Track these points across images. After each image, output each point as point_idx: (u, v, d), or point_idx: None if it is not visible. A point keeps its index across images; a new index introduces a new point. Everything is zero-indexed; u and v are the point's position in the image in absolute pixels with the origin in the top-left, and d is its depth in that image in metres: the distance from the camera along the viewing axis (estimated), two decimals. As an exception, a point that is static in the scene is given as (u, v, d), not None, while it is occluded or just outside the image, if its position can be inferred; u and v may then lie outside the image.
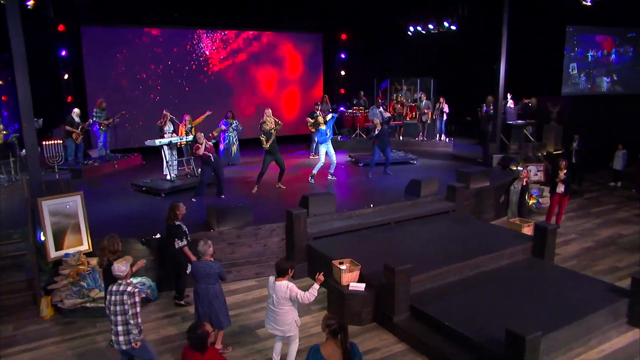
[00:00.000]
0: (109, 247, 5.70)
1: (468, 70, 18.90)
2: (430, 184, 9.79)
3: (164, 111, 10.80)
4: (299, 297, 5.05)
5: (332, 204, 8.52)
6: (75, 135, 11.86)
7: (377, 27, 17.96)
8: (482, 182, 10.51)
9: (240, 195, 9.97)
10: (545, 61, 16.17)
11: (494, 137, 13.27)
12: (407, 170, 12.48)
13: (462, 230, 8.58)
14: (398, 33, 18.05)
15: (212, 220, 7.71)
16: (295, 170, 12.60)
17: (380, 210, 8.92)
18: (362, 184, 11.01)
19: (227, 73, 16.52)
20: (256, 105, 17.08)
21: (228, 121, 12.91)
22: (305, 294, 5.08)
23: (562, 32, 15.83)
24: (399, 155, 13.65)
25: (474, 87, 18.99)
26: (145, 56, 14.93)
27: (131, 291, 4.66)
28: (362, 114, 16.63)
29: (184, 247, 6.70)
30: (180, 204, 6.67)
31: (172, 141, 10.28)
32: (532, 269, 7.48)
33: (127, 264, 4.82)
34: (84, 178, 11.71)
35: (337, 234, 8.19)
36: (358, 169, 12.86)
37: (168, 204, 9.38)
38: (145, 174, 11.83)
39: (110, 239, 5.76)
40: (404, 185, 10.26)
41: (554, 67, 16.20)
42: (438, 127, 16.17)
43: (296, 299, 5.08)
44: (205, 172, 9.37)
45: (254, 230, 7.79)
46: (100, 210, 8.94)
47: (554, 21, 15.55)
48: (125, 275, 4.78)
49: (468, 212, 10.04)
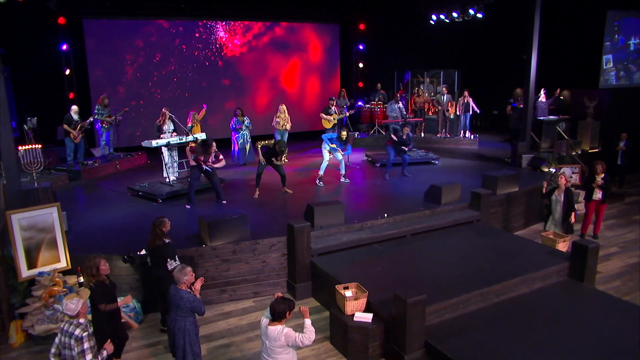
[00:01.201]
0: (87, 270, 5.01)
1: (495, 61, 17.69)
2: (452, 191, 8.80)
3: (163, 109, 10.04)
4: (298, 341, 4.22)
5: (341, 215, 7.64)
6: (73, 135, 11.21)
7: (397, 17, 16.82)
8: (510, 187, 9.46)
9: (243, 200, 9.17)
10: (580, 50, 14.86)
11: (524, 135, 12.14)
12: (428, 172, 11.50)
13: (487, 245, 7.58)
14: (419, 22, 16.88)
15: (203, 234, 6.92)
16: (306, 171, 11.73)
17: (395, 221, 7.99)
18: (377, 188, 10.07)
19: (239, 66, 15.70)
20: (270, 100, 16.24)
21: (239, 119, 12.09)
22: (303, 336, 4.24)
23: (601, 17, 14.44)
24: (419, 154, 12.63)
25: (501, 80, 17.81)
26: (152, 49, 14.21)
27: (79, 335, 3.88)
28: (381, 109, 15.64)
29: None
30: (164, 220, 5.88)
31: (171, 142, 9.51)
32: (570, 294, 6.46)
33: (79, 301, 4.04)
34: (83, 180, 11.10)
35: (345, 249, 7.31)
36: (374, 169, 11.92)
37: (166, 211, 8.86)
38: (149, 174, 11.15)
39: (90, 260, 5.05)
40: (423, 190, 9.32)
41: (590, 57, 14.86)
42: (462, 123, 15.06)
43: (295, 344, 4.25)
44: (194, 173, 8.59)
45: (251, 245, 6.96)
46: (89, 218, 8.27)
47: (592, 4, 14.18)
48: (77, 314, 4.01)
49: (494, 221, 9.03)
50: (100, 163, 11.86)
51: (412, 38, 17.10)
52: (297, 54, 16.64)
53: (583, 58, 14.90)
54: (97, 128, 12.50)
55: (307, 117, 16.68)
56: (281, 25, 16.19)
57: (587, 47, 14.73)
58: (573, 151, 12.77)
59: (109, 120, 12.28)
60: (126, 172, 11.91)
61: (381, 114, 15.69)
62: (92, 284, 5.01)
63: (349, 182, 10.54)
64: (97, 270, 5.03)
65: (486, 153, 13.80)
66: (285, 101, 16.11)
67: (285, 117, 12.51)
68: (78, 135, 11.22)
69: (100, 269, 5.05)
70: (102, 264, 5.08)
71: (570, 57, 15.06)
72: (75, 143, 11.32)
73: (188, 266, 4.91)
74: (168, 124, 10.03)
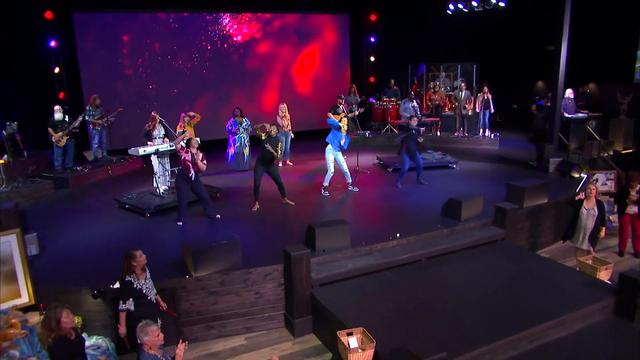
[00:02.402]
0: (46, 323, 4.23)
1: (515, 53, 16.50)
2: (473, 205, 7.79)
3: (152, 112, 9.14)
4: None
5: (346, 237, 6.68)
6: (56, 139, 10.36)
7: (412, 6, 15.67)
8: (538, 199, 8.41)
9: (238, 214, 8.26)
10: (613, 40, 13.60)
11: (551, 136, 11.02)
12: (445, 177, 10.49)
13: (515, 271, 6.57)
14: (435, 12, 15.76)
15: (188, 263, 6.02)
16: (311, 178, 10.78)
17: (408, 242, 7.01)
18: (388, 199, 9.07)
19: (242, 62, 14.74)
20: (275, 97, 15.28)
21: (237, 120, 11.14)
22: None
23: (637, 5, 13.15)
24: (435, 157, 11.59)
25: (520, 72, 16.65)
26: (149, 45, 13.32)
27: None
28: (394, 106, 14.59)
29: (125, 311, 4.97)
30: (136, 253, 4.98)
31: (160, 150, 8.61)
32: (617, 337, 5.45)
33: None
34: (71, 187, 10.29)
35: (351, 277, 6.36)
36: (386, 175, 10.91)
37: (153, 227, 8.02)
38: (142, 181, 10.31)
39: (49, 311, 4.26)
40: (440, 202, 8.33)
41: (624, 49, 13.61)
42: (482, 121, 13.96)
43: None
44: (182, 188, 7.67)
45: (242, 275, 6.05)
46: (67, 237, 7.42)
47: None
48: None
49: (520, 237, 8.01)
50: (90, 168, 11.04)
51: (428, 29, 15.97)
52: (304, 47, 15.63)
53: (616, 49, 13.66)
54: (89, 130, 11.66)
55: (314, 115, 15.67)
56: (288, 17, 15.16)
57: (621, 37, 13.49)
58: (605, 152, 11.63)
59: (100, 123, 11.44)
60: (119, 179, 11.09)
61: (394, 111, 14.66)
62: (52, 339, 4.15)
63: (357, 190, 9.57)
64: (57, 324, 4.17)
65: (508, 154, 12.71)
66: (292, 98, 15.20)
67: (287, 117, 11.56)
68: (61, 139, 10.36)
69: (62, 322, 4.19)
70: (64, 315, 4.22)
71: (600, 49, 13.82)
72: (60, 147, 10.46)
73: (154, 324, 4.04)
74: (158, 128, 9.14)
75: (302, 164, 12.07)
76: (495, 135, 13.97)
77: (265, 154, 8.25)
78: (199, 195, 7.88)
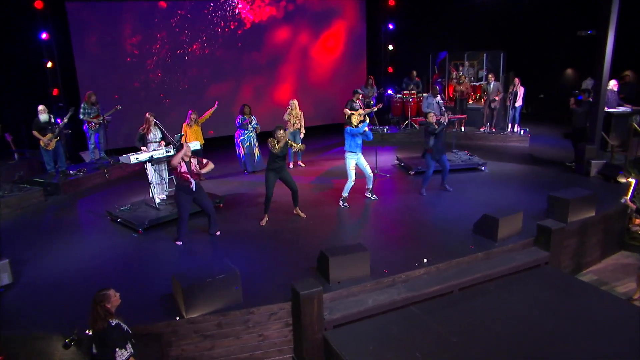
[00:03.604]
0: None
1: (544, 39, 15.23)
2: (511, 222, 6.74)
3: (147, 114, 8.21)
4: None
5: (365, 266, 5.71)
6: (43, 142, 9.49)
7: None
8: (585, 212, 7.33)
9: (243, 231, 7.32)
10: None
11: (593, 135, 9.84)
12: (473, 182, 9.44)
13: (565, 309, 5.53)
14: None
15: (178, 301, 5.11)
16: (325, 182, 9.81)
17: (438, 270, 6.01)
18: (412, 211, 8.04)
19: (251, 52, 13.73)
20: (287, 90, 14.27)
21: (246, 117, 10.16)
22: None
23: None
24: (462, 158, 10.50)
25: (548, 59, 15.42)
26: (150, 35, 12.36)
27: None
28: (415, 99, 13.47)
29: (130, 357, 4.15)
30: (108, 293, 4.05)
31: (155, 156, 7.69)
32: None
33: None
34: (63, 194, 9.46)
35: (371, 315, 5.40)
36: (407, 179, 9.88)
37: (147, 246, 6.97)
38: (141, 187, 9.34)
39: None
40: (470, 214, 7.37)
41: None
42: (511, 116, 12.80)
43: None
44: (182, 202, 6.73)
45: (243, 315, 5.12)
46: (47, 260, 6.54)
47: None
48: None
49: (563, 257, 6.95)
50: (86, 172, 10.19)
51: (450, 15, 14.76)
52: (317, 36, 14.53)
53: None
54: (85, 129, 10.80)
55: (328, 108, 14.66)
56: (298, 3, 14.05)
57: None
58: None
59: (96, 122, 10.57)
60: (116, 183, 10.25)
61: (415, 105, 13.55)
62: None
63: (376, 199, 8.57)
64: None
65: (541, 153, 11.58)
66: (305, 90, 14.20)
67: (297, 115, 10.56)
68: (49, 142, 9.49)
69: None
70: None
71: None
72: (50, 151, 9.61)
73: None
74: (154, 131, 8.22)
75: (314, 165, 11.10)
76: (525, 131, 12.82)
77: (276, 160, 7.30)
78: (203, 208, 6.96)
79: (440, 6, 14.73)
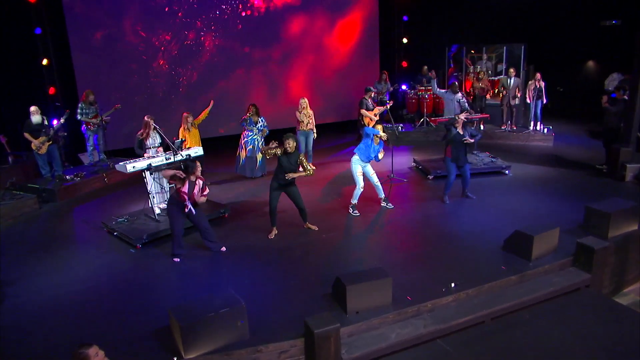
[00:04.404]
0: None
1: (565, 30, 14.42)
2: (546, 239, 6.06)
3: (145, 117, 7.58)
4: None
5: (386, 294, 5.07)
6: (35, 146, 8.90)
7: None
8: (626, 226, 6.65)
9: (249, 247, 6.70)
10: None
11: (628, 136, 9.10)
12: (497, 188, 8.76)
13: (610, 339, 4.88)
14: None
15: (176, 339, 4.51)
16: (336, 187, 9.17)
17: (467, 297, 5.36)
18: (433, 222, 7.37)
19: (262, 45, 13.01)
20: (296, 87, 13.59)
21: (251, 118, 9.51)
22: None
23: None
24: (484, 161, 9.80)
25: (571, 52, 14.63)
26: (154, 28, 11.68)
27: None
28: (431, 95, 12.75)
29: None
30: (87, 354, 3.46)
31: (153, 164, 7.07)
32: None
33: None
34: (59, 201, 8.89)
35: (394, 352, 4.77)
36: (426, 184, 9.20)
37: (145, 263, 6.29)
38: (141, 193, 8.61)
39: None
40: (497, 224, 6.85)
41: None
42: (533, 113, 12.05)
43: None
44: (175, 216, 6.13)
45: (249, 354, 4.51)
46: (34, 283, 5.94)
47: None
48: None
49: (605, 280, 6.28)
50: (84, 177, 9.60)
51: (468, 7, 13.96)
52: (327, 29, 13.79)
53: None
54: (83, 131, 10.20)
55: (340, 104, 13.98)
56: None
57: None
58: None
59: (95, 122, 9.97)
60: (115, 188, 9.65)
61: (431, 101, 12.82)
62: None
63: (392, 207, 7.92)
64: None
65: (567, 154, 10.85)
66: (315, 85, 13.54)
67: (309, 114, 9.91)
68: (42, 145, 8.90)
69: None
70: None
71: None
72: (44, 155, 9.03)
73: None
74: (153, 136, 7.60)
75: (325, 168, 10.43)
76: (548, 129, 12.08)
77: (284, 170, 6.67)
78: (197, 226, 6.35)
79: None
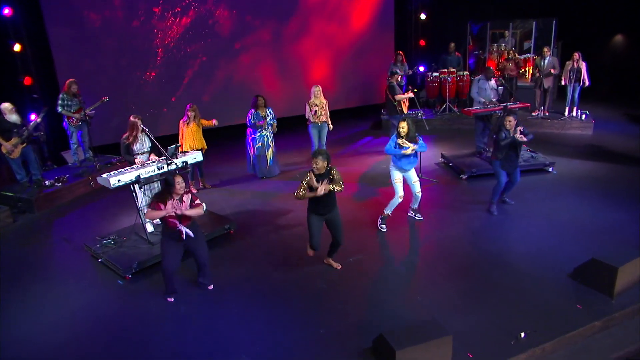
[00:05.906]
0: None
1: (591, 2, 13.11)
2: (630, 270, 4.90)
3: (131, 117, 6.30)
4: None
5: (446, 355, 3.93)
6: (6, 149, 7.63)
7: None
8: None
9: (257, 281, 5.51)
10: None
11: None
12: (543, 190, 7.59)
13: None
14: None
15: None
16: (358, 191, 7.96)
17: (543, 352, 4.22)
18: (478, 239, 6.15)
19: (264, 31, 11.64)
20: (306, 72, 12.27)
21: (258, 113, 8.25)
22: None
23: None
24: (523, 157, 8.47)
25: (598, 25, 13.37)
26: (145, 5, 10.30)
27: None
28: (454, 78, 11.46)
29: None
30: None
31: (142, 176, 5.84)
32: None
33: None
34: (37, 212, 7.71)
35: None
36: (461, 186, 7.99)
37: (134, 300, 5.10)
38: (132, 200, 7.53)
39: None
40: (555, 240, 5.85)
41: None
42: (570, 97, 10.77)
43: None
44: (168, 252, 4.93)
45: None
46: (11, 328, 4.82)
47: None
48: None
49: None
50: (66, 181, 8.39)
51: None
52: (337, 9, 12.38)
53: None
54: (65, 126, 8.93)
55: (351, 89, 12.70)
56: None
57: None
58: None
59: (77, 117, 8.70)
60: (103, 194, 8.36)
61: (454, 85, 11.54)
62: None
63: (421, 219, 6.74)
64: None
65: (610, 144, 9.69)
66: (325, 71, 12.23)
67: (322, 104, 8.67)
68: (14, 148, 7.65)
69: None
70: None
71: None
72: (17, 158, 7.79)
73: None
74: (141, 140, 6.36)
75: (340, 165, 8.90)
76: (586, 115, 10.84)
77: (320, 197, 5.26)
78: (195, 257, 5.16)
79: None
